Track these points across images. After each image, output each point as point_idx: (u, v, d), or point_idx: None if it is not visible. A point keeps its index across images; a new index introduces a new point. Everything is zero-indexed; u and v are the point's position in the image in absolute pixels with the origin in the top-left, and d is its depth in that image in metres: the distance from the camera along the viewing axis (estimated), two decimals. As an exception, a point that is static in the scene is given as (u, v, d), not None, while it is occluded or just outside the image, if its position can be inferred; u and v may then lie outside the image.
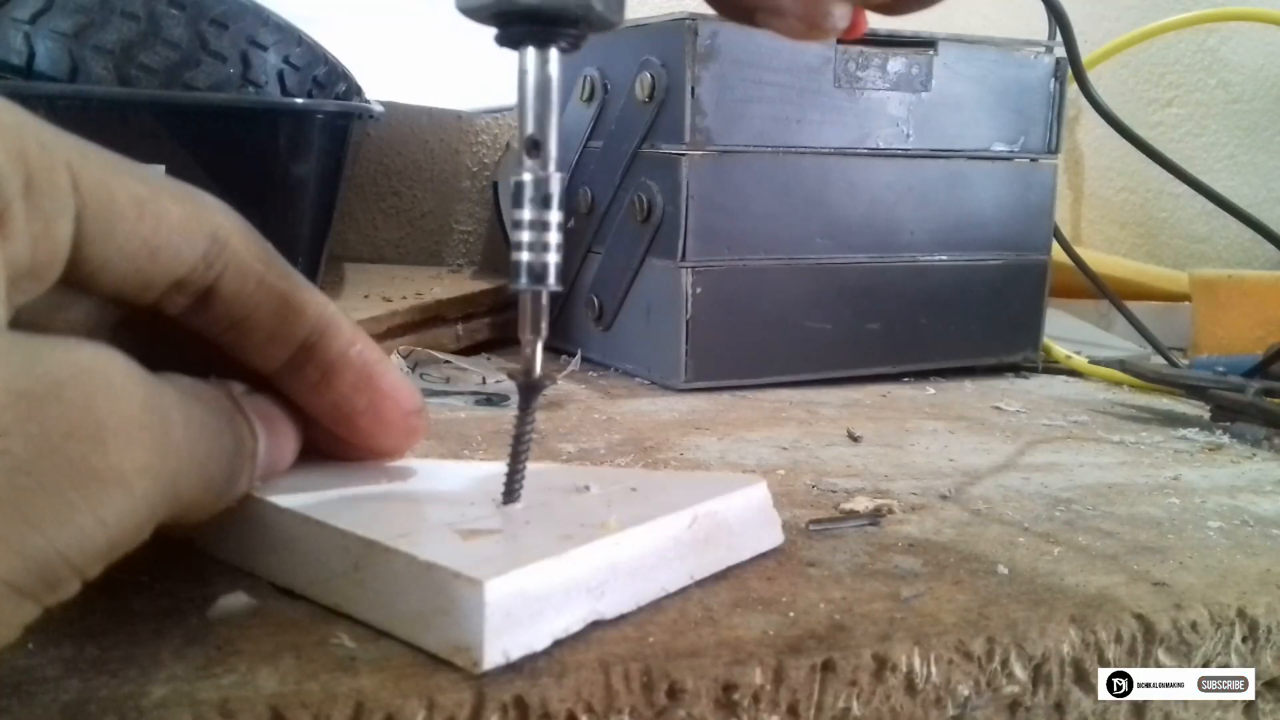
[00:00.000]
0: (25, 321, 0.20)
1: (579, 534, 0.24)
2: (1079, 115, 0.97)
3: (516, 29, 0.24)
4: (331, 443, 0.28)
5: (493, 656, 0.21)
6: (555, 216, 0.25)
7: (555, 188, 0.25)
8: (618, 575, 0.24)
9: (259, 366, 0.26)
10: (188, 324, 0.25)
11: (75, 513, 0.17)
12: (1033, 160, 0.63)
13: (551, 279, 0.25)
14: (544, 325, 0.26)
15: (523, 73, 0.25)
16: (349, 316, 0.27)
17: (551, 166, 0.25)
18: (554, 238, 0.25)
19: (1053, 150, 0.63)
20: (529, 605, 0.22)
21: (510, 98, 0.90)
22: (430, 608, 0.22)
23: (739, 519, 0.28)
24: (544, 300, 0.26)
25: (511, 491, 0.27)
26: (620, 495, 0.28)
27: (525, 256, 0.25)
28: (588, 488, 0.29)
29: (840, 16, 0.26)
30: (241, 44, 0.58)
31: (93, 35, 0.55)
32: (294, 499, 0.26)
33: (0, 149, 0.19)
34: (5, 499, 0.16)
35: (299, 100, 0.61)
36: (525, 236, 0.25)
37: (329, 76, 0.64)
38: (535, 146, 0.25)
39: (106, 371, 0.18)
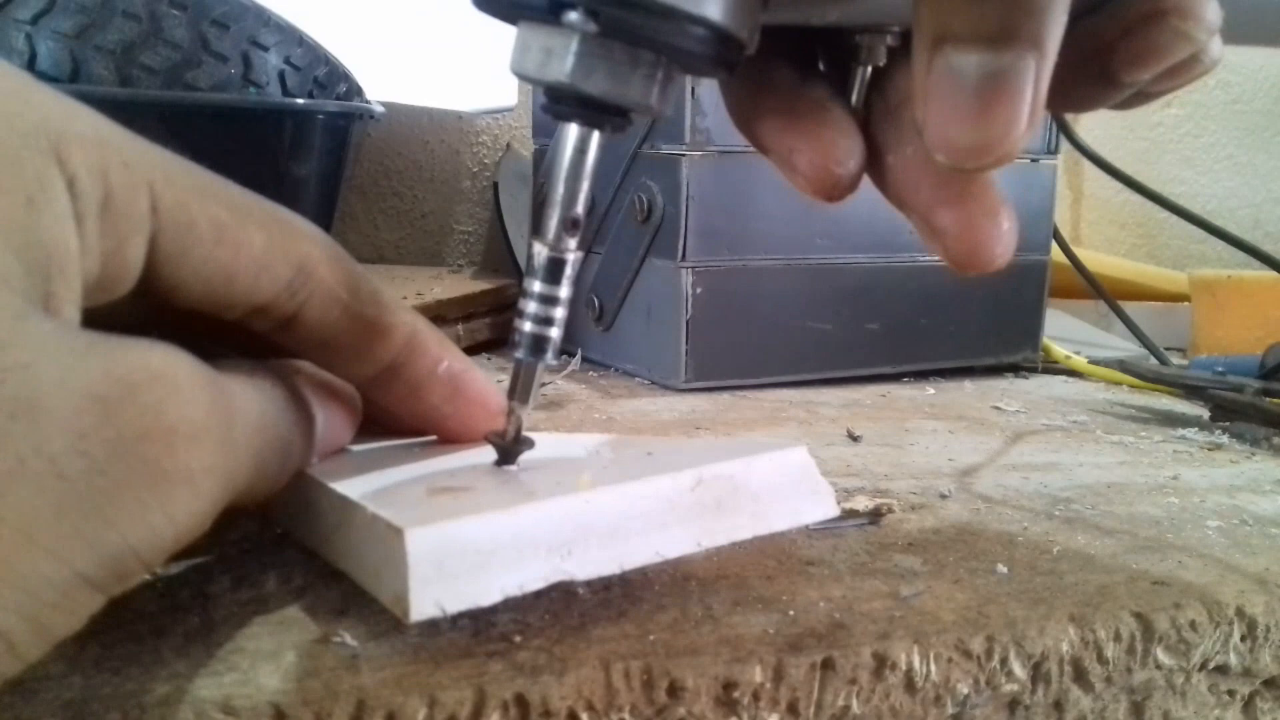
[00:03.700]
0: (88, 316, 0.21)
1: (543, 491, 0.24)
2: (1078, 116, 0.97)
3: (566, 106, 0.24)
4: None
5: (422, 606, 0.21)
6: (565, 292, 0.25)
7: (570, 264, 0.25)
8: (590, 535, 0.23)
9: (345, 379, 0.27)
10: (272, 342, 0.25)
11: (148, 511, 0.18)
12: (1032, 160, 0.63)
13: (550, 354, 0.25)
14: (534, 396, 0.26)
15: (561, 146, 0.24)
16: (436, 330, 0.27)
17: (574, 243, 0.25)
18: (559, 313, 0.25)
19: (1052, 151, 0.63)
20: (466, 558, 0.22)
21: (510, 98, 0.90)
22: (380, 559, 0.22)
23: (765, 485, 0.26)
24: (539, 373, 0.26)
25: (508, 455, 0.27)
26: (630, 459, 0.27)
27: (528, 327, 0.25)
28: (599, 452, 0.28)
29: (851, 156, 0.25)
30: (243, 44, 0.58)
31: (94, 36, 0.55)
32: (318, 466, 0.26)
33: (81, 165, 0.19)
34: (84, 498, 0.17)
35: (300, 101, 0.61)
36: (532, 308, 0.25)
37: (330, 77, 0.64)
38: (575, 225, 0.25)
39: (175, 375, 0.19)
